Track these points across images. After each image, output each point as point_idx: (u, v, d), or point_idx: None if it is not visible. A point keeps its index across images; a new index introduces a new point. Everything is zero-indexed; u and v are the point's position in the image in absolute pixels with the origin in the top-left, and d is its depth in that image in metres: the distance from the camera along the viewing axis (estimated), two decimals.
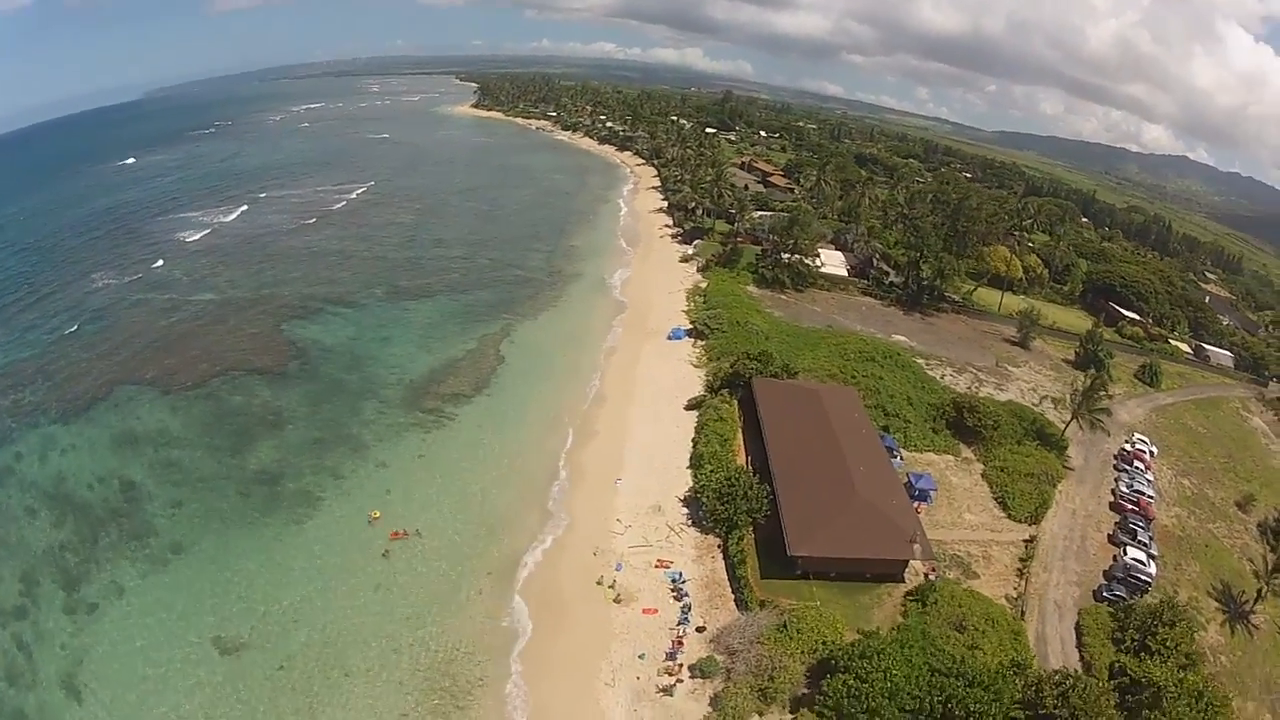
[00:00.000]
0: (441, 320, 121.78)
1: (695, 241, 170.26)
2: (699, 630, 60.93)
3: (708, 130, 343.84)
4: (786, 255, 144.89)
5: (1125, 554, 73.73)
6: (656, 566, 67.49)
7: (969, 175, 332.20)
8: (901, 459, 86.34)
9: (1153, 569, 72.64)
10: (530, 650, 58.98)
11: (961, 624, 60.88)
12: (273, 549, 68.09)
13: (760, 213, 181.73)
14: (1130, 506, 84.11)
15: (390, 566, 66.81)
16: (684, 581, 65.73)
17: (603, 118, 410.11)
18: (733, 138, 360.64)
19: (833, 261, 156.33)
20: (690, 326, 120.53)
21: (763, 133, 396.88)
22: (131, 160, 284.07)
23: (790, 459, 76.29)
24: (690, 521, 73.73)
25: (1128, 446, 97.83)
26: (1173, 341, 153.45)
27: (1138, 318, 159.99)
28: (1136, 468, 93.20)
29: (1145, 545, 76.22)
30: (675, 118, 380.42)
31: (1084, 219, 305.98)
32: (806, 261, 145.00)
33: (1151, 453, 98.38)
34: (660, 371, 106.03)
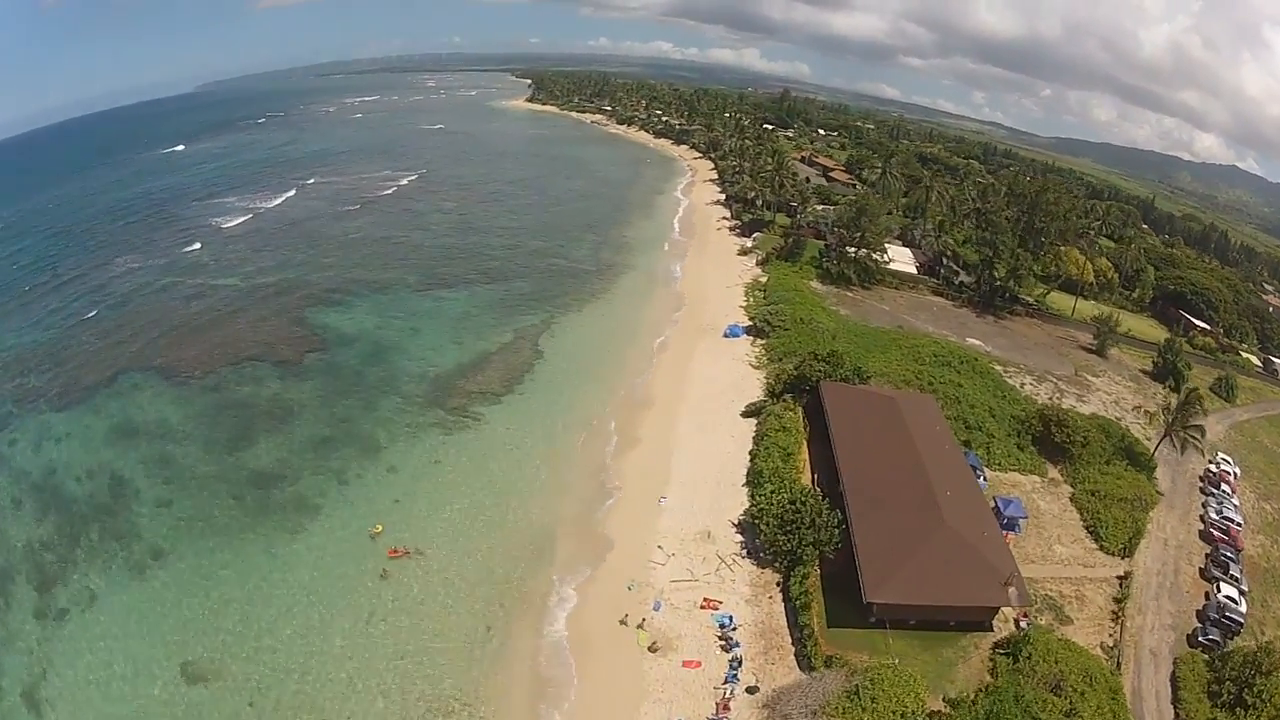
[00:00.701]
0: (477, 311, 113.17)
1: (754, 234, 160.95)
2: (750, 691, 50.06)
3: (765, 126, 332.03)
4: (853, 249, 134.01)
5: (1219, 591, 65.89)
6: (702, 607, 56.63)
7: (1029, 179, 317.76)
8: (986, 480, 75.21)
9: (1244, 607, 64.91)
10: (543, 707, 49.17)
11: (1059, 684, 50.43)
12: (259, 563, 60.44)
13: (823, 206, 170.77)
14: (1220, 535, 75.46)
15: (388, 591, 57.96)
16: (734, 628, 54.82)
17: (658, 112, 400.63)
18: (791, 134, 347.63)
19: (901, 258, 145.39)
20: (749, 323, 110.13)
21: (821, 130, 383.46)
22: (181, 147, 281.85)
23: (865, 479, 64.84)
24: (745, 552, 62.57)
25: (1213, 468, 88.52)
26: (1243, 353, 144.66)
27: (1208, 327, 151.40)
28: (1223, 491, 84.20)
29: (1237, 580, 68.32)
30: (730, 114, 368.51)
31: (1144, 225, 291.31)
32: (874, 256, 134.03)
33: (1235, 474, 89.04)
34: (715, 372, 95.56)
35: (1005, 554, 58.86)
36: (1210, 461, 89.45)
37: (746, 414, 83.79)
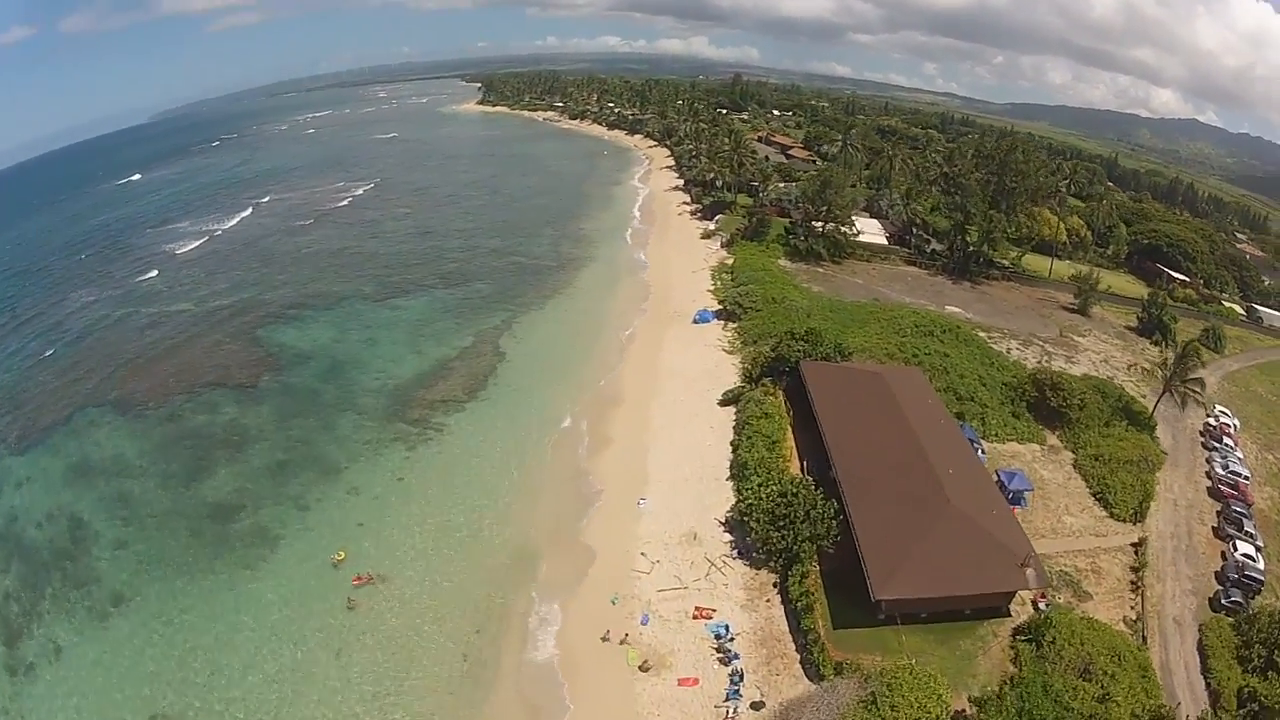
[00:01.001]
0: (435, 317, 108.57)
1: (716, 217, 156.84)
2: (755, 708, 45.56)
3: (720, 110, 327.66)
4: (820, 224, 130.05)
5: (1235, 550, 63.23)
6: (695, 617, 51.98)
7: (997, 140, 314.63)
8: (984, 453, 71.24)
9: (1262, 564, 62.57)
10: None
11: (1087, 667, 46.95)
12: (220, 603, 55.94)
13: (785, 184, 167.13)
14: (1229, 491, 72.48)
15: (355, 623, 53.35)
16: (731, 638, 50.21)
17: (610, 104, 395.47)
18: (745, 117, 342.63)
19: (870, 230, 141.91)
20: (719, 307, 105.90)
21: (776, 111, 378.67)
22: (137, 177, 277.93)
23: (859, 463, 60.48)
24: (736, 553, 57.88)
25: (1212, 420, 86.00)
26: (1225, 303, 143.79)
27: (1187, 279, 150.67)
28: (1226, 445, 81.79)
29: (1252, 537, 65.84)
30: (683, 100, 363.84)
31: (1109, 184, 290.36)
32: (843, 229, 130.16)
33: (1235, 426, 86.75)
34: (687, 360, 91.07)
35: (1018, 532, 54.97)
36: (1208, 415, 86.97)
37: (724, 402, 79.34)
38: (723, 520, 61.03)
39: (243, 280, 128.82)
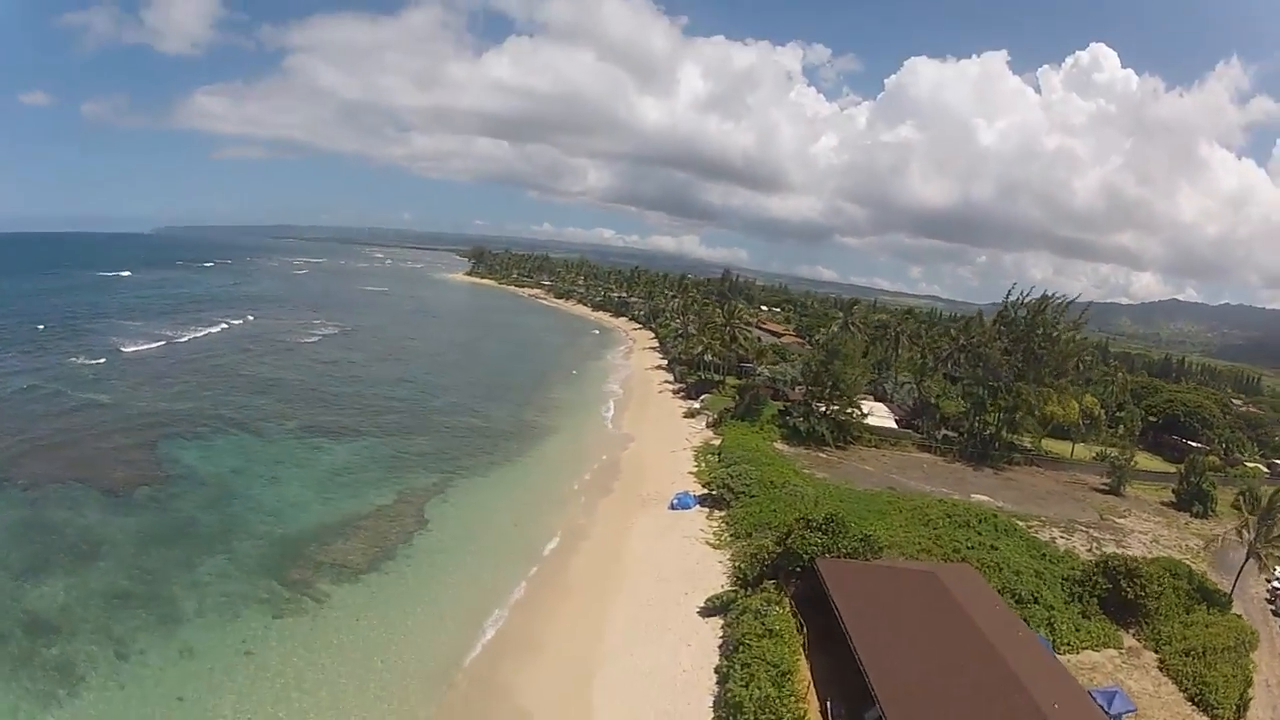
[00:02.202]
0: (358, 465, 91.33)
1: (702, 396, 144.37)
2: None
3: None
4: (823, 405, 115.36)
5: None
6: None
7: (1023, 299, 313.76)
8: None
9: None
10: None
11: None
12: None
13: (780, 364, 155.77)
14: None
15: None
16: None
17: (599, 286, 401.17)
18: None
19: (877, 413, 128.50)
20: (703, 491, 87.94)
21: (764, 307, 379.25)
22: (126, 273, 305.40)
23: (919, 700, 39.69)
24: None
25: (1276, 584, 79.39)
26: (1248, 464, 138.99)
27: (1206, 447, 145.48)
28: None
29: None
30: (673, 289, 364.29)
31: (1112, 363, 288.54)
32: (849, 410, 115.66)
33: None
34: (660, 554, 71.61)
35: None
36: (1267, 578, 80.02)
37: (708, 611, 58.76)
38: None
39: (175, 390, 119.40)
